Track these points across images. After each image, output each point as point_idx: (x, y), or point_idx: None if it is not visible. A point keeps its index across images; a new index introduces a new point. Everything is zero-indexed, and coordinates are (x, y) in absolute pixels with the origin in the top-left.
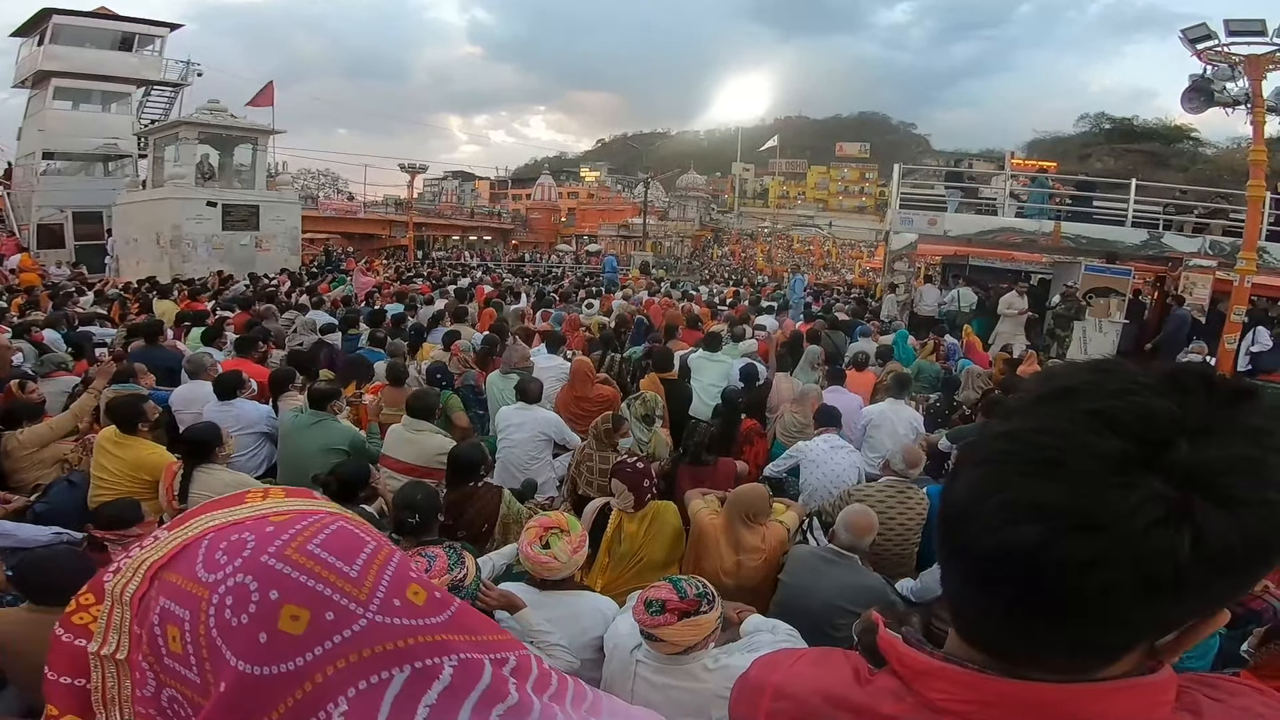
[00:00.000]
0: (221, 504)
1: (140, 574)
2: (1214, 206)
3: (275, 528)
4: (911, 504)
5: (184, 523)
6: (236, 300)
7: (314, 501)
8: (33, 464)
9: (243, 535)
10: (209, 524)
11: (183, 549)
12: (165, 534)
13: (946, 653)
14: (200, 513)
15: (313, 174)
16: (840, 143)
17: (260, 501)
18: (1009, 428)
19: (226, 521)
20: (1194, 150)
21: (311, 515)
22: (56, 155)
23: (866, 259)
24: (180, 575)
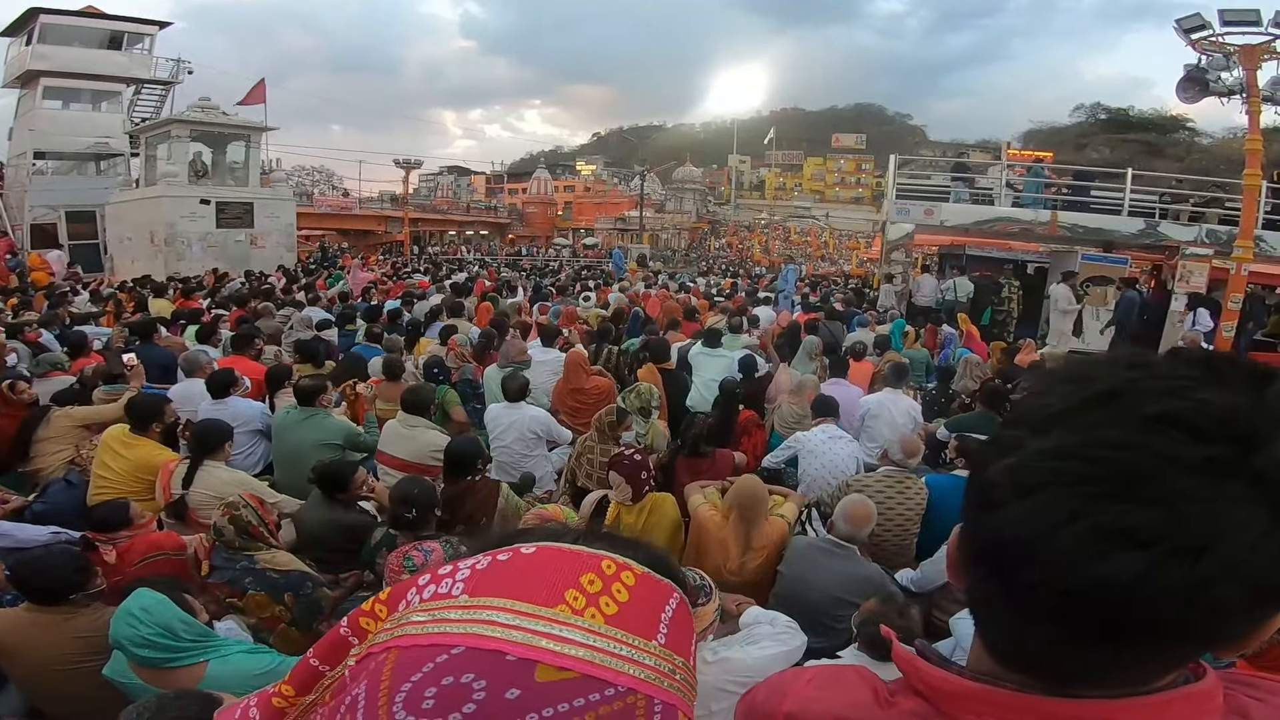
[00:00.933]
0: (535, 581)
1: (392, 635)
2: (1210, 195)
3: (521, 696)
4: (910, 494)
5: (485, 590)
6: (232, 298)
7: (642, 649)
8: (65, 444)
9: (474, 685)
10: (483, 626)
11: (428, 645)
12: (459, 590)
13: (976, 672)
14: (508, 585)
15: (307, 170)
16: (836, 134)
17: (574, 611)
18: (1057, 443)
19: (496, 637)
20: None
21: (591, 694)
22: (48, 155)
23: (864, 250)
24: (388, 684)
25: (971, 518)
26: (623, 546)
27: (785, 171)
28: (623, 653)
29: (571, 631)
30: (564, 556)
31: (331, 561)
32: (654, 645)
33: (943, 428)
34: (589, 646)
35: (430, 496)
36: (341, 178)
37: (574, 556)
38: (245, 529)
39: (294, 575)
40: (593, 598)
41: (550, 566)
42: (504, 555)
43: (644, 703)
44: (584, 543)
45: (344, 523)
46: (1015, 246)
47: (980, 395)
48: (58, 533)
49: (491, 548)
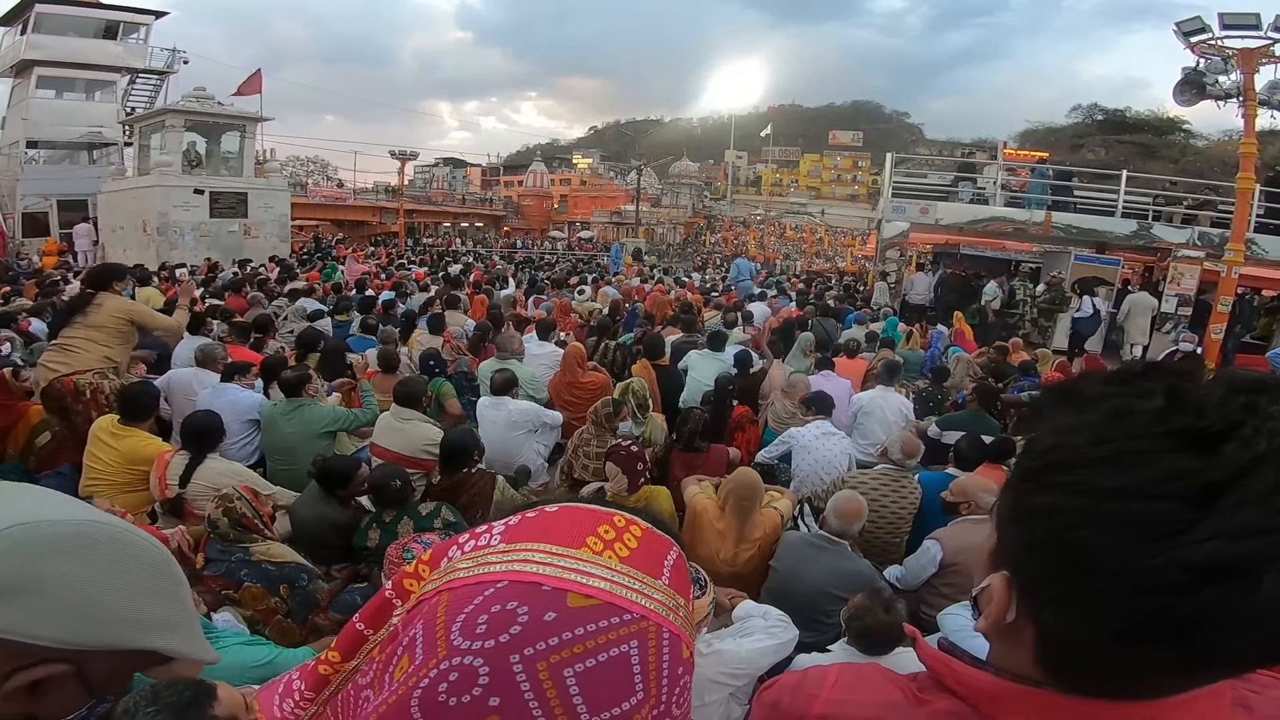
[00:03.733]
0: (560, 530)
1: (441, 581)
2: (1203, 198)
3: (557, 618)
4: (905, 493)
5: (519, 538)
6: (226, 286)
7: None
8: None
9: (518, 611)
10: (520, 564)
11: (475, 584)
12: (497, 539)
13: (1013, 674)
14: (538, 532)
15: (301, 161)
16: (833, 131)
17: (595, 553)
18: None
19: (532, 573)
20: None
21: (612, 618)
22: (40, 144)
23: (858, 247)
24: (444, 618)
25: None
26: (629, 509)
27: (782, 168)
28: (635, 586)
29: (593, 568)
30: (582, 512)
31: (324, 556)
32: (660, 584)
33: (934, 425)
34: (608, 580)
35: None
36: (336, 168)
37: (591, 512)
38: (239, 521)
39: (290, 567)
40: (609, 543)
41: (572, 519)
42: (532, 513)
43: (654, 629)
44: (597, 504)
45: (338, 520)
46: (1009, 246)
47: (976, 393)
48: None
49: (515, 511)
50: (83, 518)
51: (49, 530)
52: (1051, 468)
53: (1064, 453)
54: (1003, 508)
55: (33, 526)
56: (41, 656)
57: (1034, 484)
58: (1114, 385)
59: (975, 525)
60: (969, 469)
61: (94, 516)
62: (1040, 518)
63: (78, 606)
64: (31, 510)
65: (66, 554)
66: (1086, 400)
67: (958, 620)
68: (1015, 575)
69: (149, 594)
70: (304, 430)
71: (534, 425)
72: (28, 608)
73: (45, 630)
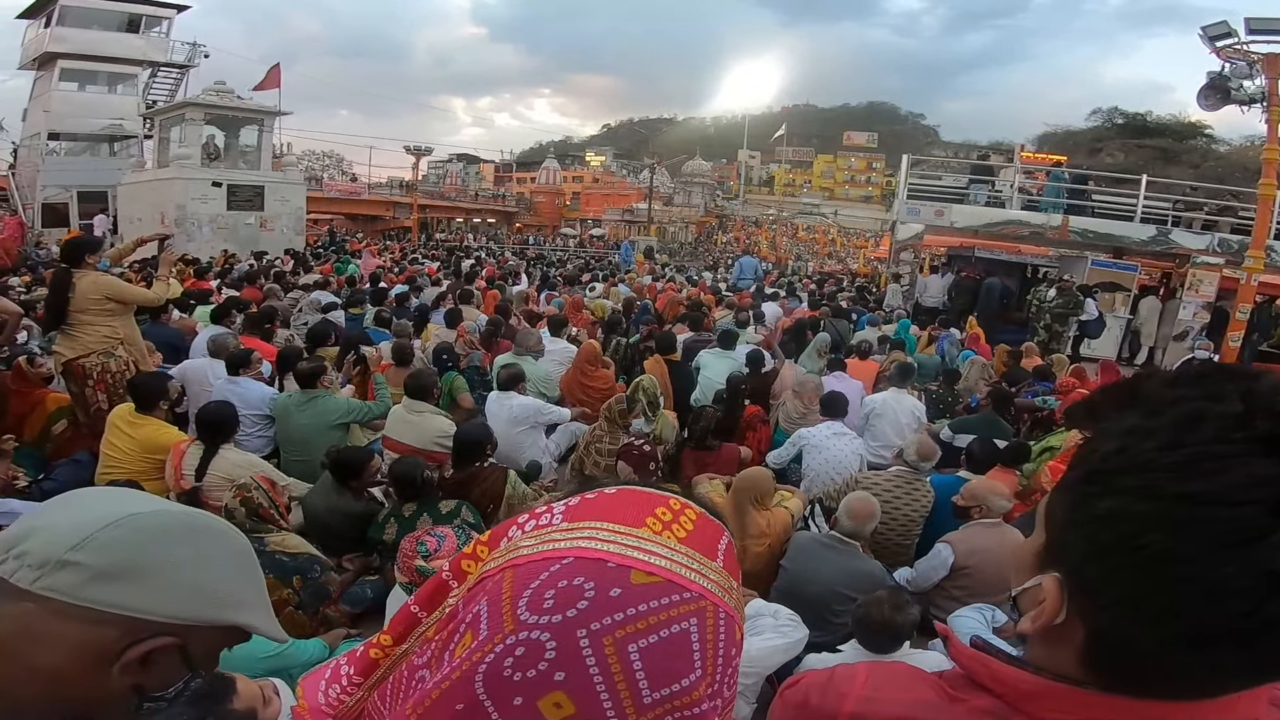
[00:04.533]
0: (621, 510)
1: (504, 559)
2: (1223, 204)
3: (622, 594)
4: (918, 495)
5: (581, 516)
6: (242, 278)
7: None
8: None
9: (585, 585)
10: (585, 541)
11: (541, 560)
12: (559, 518)
13: (1053, 672)
14: (600, 512)
15: (317, 155)
16: (848, 132)
17: (655, 532)
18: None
19: (597, 549)
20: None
21: (673, 595)
22: (62, 136)
23: (871, 248)
24: (510, 593)
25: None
26: (682, 494)
27: (795, 168)
28: (694, 565)
29: (654, 546)
30: (640, 494)
31: (336, 547)
32: (715, 565)
33: (946, 428)
34: (668, 559)
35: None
36: (351, 163)
37: (647, 494)
38: (256, 511)
39: (303, 558)
40: (667, 524)
41: (631, 500)
42: (591, 494)
43: (711, 608)
44: (652, 488)
45: (351, 510)
46: (1025, 250)
47: (986, 397)
48: None
49: (575, 493)
50: (185, 509)
51: (161, 519)
52: (1118, 471)
53: (1132, 456)
54: (1058, 510)
55: (148, 515)
56: (153, 631)
57: (1097, 487)
58: (1181, 388)
59: (987, 529)
60: (980, 472)
61: (193, 509)
62: (1106, 521)
63: (184, 586)
64: (143, 503)
65: (175, 540)
66: (1154, 403)
67: (968, 623)
68: (1071, 577)
69: (239, 576)
70: (317, 421)
71: (534, 421)
72: (144, 587)
73: (158, 607)
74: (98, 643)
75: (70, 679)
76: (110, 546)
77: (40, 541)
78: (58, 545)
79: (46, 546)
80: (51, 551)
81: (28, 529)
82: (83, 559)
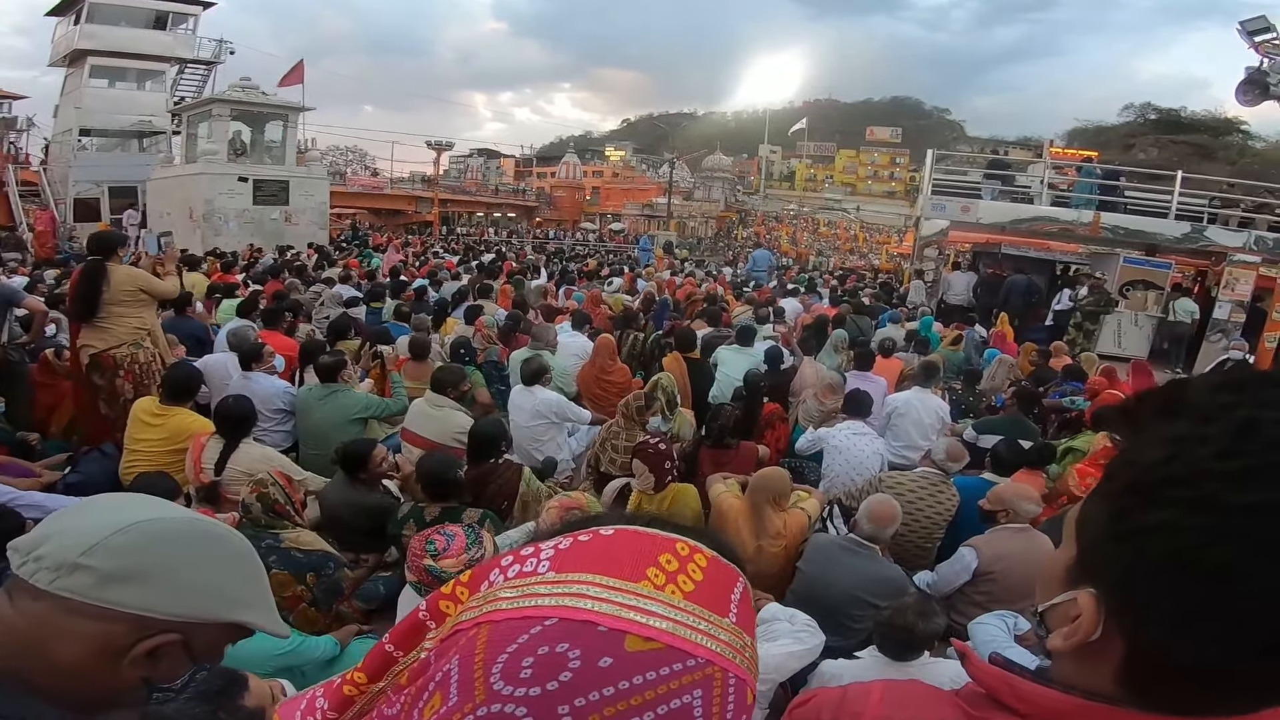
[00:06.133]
0: (618, 559)
1: (481, 610)
2: (1260, 201)
3: (613, 664)
4: (943, 498)
5: (571, 566)
6: (266, 272)
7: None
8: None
9: (570, 654)
10: (573, 599)
11: (520, 619)
12: (546, 566)
13: (1085, 690)
14: (593, 561)
15: (340, 150)
16: (871, 127)
17: (656, 587)
18: None
19: (587, 609)
20: (1242, 143)
21: (675, 664)
22: (93, 132)
23: (894, 244)
24: (483, 656)
25: None
26: (691, 533)
27: (817, 163)
28: (700, 626)
29: (655, 605)
30: (641, 538)
31: (352, 542)
32: (726, 622)
33: (970, 429)
34: (671, 620)
35: (455, 466)
36: (374, 158)
37: (650, 538)
38: (272, 507)
39: (317, 555)
40: (671, 575)
41: (630, 546)
42: (584, 536)
43: (720, 674)
44: (655, 527)
45: (365, 504)
46: (1054, 247)
47: (1016, 395)
48: None
49: (565, 532)
50: (190, 515)
51: (166, 525)
52: (1168, 481)
53: (1184, 465)
54: (1093, 523)
55: (154, 522)
56: (159, 628)
57: (1142, 498)
58: (1230, 394)
59: (1014, 534)
60: (1006, 474)
61: (198, 515)
62: (1156, 534)
63: (187, 587)
64: (152, 511)
65: (179, 544)
66: (1202, 410)
67: (989, 630)
68: (1113, 592)
69: (239, 577)
70: (336, 416)
71: (558, 416)
72: (151, 588)
73: (162, 606)
74: (109, 638)
75: (85, 671)
76: (119, 551)
77: (56, 546)
78: (72, 549)
79: (62, 550)
80: (66, 555)
81: (46, 534)
82: (94, 562)
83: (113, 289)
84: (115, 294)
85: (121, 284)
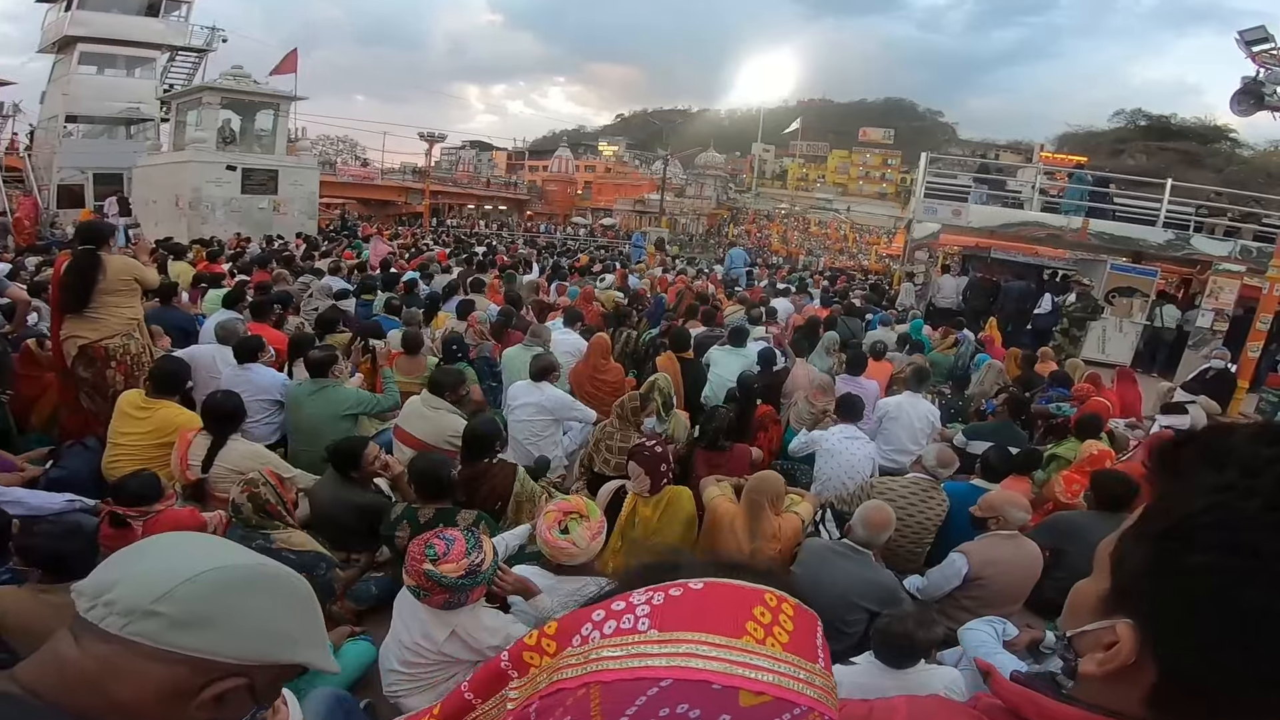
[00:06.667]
0: (717, 615)
1: (585, 669)
2: (1247, 210)
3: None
4: (933, 504)
5: (674, 624)
6: (253, 262)
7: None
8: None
9: (690, 713)
10: (684, 659)
11: (634, 680)
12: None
13: (1108, 710)
14: (694, 619)
15: (331, 140)
16: (864, 127)
17: (758, 641)
18: None
19: (699, 669)
20: (1230, 151)
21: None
22: (80, 119)
23: (883, 246)
24: (599, 717)
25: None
26: (765, 577)
27: (809, 162)
28: (800, 676)
29: (761, 660)
30: (732, 591)
31: (343, 541)
32: (818, 668)
33: (960, 434)
34: (776, 672)
35: (448, 466)
36: (365, 148)
37: (739, 591)
38: (263, 507)
39: (309, 555)
40: (768, 628)
41: (725, 601)
42: (675, 590)
43: (817, 718)
44: (737, 576)
45: (357, 502)
46: (1042, 252)
47: (1007, 403)
48: (72, 500)
49: (644, 581)
50: (253, 562)
51: (232, 573)
52: (1209, 528)
53: (1224, 514)
54: (1132, 560)
55: (221, 570)
56: (226, 671)
57: (1181, 542)
58: (1272, 448)
59: (1003, 541)
60: (996, 480)
61: (260, 560)
62: (1197, 576)
63: (253, 631)
64: (214, 558)
65: (244, 591)
66: (1249, 463)
67: (978, 635)
68: (1151, 624)
69: (298, 618)
70: (326, 411)
71: (565, 415)
72: (216, 633)
73: (228, 650)
74: (176, 680)
75: (151, 712)
76: (189, 599)
77: (126, 591)
78: (143, 597)
79: (133, 597)
80: (138, 602)
81: (113, 578)
82: (164, 609)
83: (109, 279)
84: (112, 284)
85: (118, 273)
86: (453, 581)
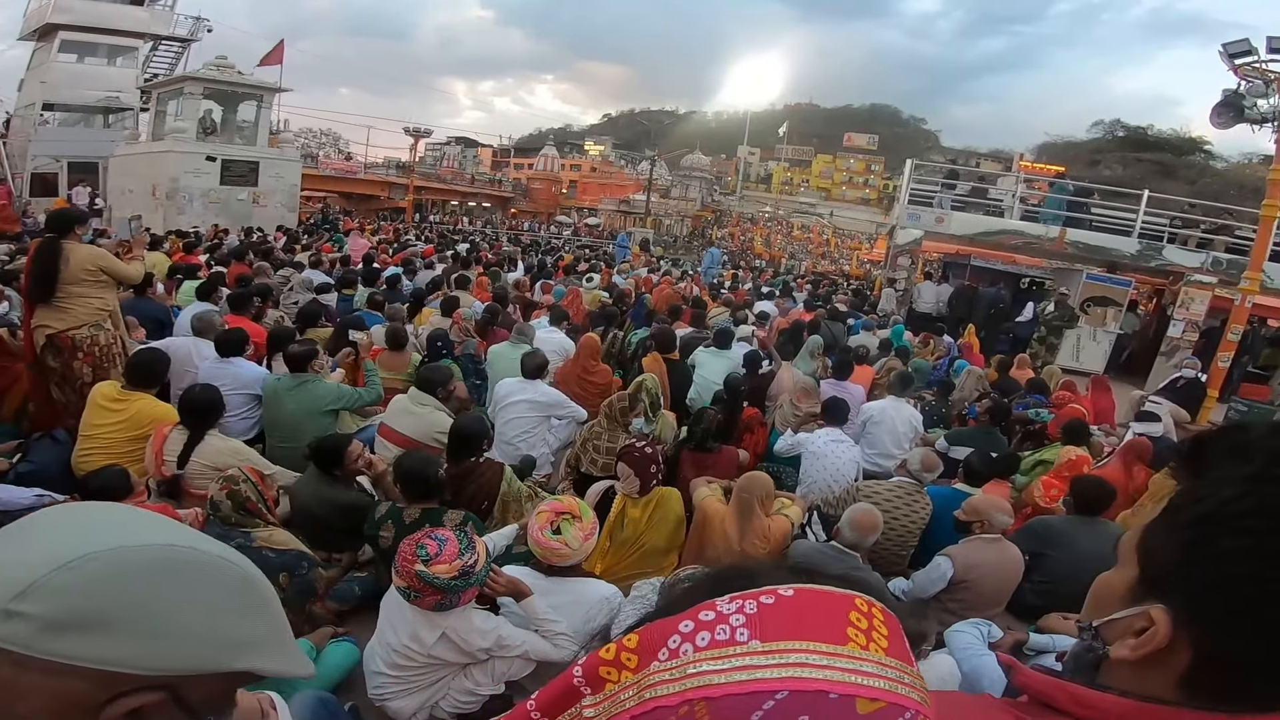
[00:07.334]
0: (816, 622)
1: (684, 685)
2: (1220, 223)
3: None
4: (917, 507)
5: (776, 634)
6: (230, 254)
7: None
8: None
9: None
10: (796, 669)
11: (746, 694)
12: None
13: (1141, 695)
14: (796, 627)
15: (314, 133)
16: (849, 133)
17: (861, 647)
18: None
19: (814, 678)
20: (1204, 163)
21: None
22: (57, 107)
23: (865, 251)
24: None
25: None
26: (849, 584)
27: (794, 166)
28: (905, 680)
29: (869, 666)
30: (825, 597)
31: (324, 540)
32: (915, 670)
33: (943, 439)
34: (884, 678)
35: (435, 465)
36: (348, 141)
37: (831, 597)
38: (243, 505)
39: (290, 554)
40: (866, 633)
41: (821, 607)
42: (767, 598)
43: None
44: (814, 581)
45: (340, 501)
46: (1020, 260)
47: (990, 410)
48: (41, 495)
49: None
50: (162, 541)
51: (127, 557)
52: (1245, 514)
53: (1254, 501)
54: (1164, 548)
55: (110, 554)
56: (135, 685)
57: (1217, 529)
58: None
59: (987, 544)
60: (978, 485)
61: (175, 539)
62: (1233, 560)
63: (161, 633)
64: (110, 536)
65: (148, 581)
66: (1272, 453)
67: (964, 638)
68: (1187, 607)
69: (235, 614)
70: (307, 407)
71: (557, 413)
72: (111, 638)
73: (133, 659)
74: (70, 696)
75: None
76: (61, 593)
77: None
78: (2, 592)
79: None
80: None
81: None
82: (28, 609)
83: (71, 268)
84: (74, 273)
85: (81, 263)
86: (445, 583)
